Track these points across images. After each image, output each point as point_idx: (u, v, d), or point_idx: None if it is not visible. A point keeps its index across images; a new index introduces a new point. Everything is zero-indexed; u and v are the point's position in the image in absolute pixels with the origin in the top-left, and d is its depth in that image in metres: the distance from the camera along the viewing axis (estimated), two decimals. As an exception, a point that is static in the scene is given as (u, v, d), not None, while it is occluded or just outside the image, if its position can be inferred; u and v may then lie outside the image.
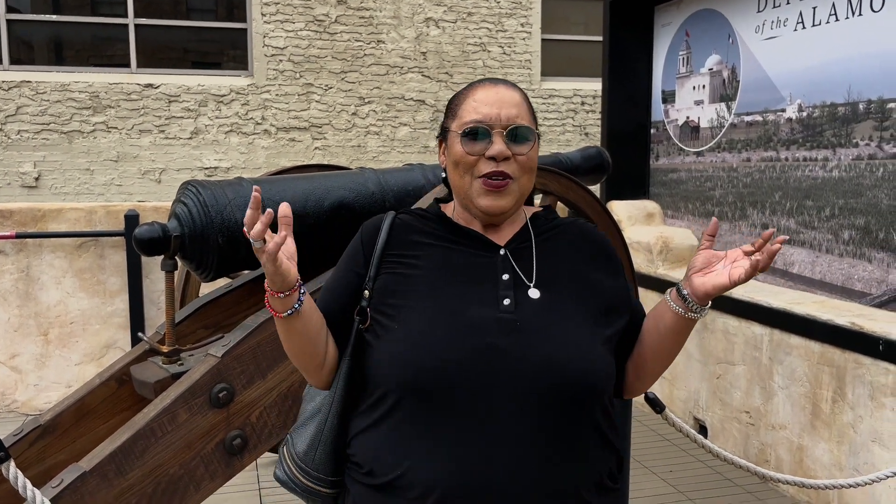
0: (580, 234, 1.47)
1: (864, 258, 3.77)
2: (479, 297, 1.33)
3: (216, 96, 7.80)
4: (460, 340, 1.28)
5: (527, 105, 1.41)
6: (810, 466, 3.58)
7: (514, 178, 1.36)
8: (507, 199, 1.37)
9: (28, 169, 7.45)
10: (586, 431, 1.32)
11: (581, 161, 3.42)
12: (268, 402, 2.37)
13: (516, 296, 1.34)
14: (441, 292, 1.34)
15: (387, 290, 1.37)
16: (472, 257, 1.39)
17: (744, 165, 4.68)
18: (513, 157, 1.35)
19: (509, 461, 1.25)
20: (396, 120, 8.26)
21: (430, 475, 1.25)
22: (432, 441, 1.26)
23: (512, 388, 1.26)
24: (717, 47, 4.90)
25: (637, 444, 4.23)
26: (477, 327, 1.29)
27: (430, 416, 1.27)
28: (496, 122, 1.35)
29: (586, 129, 8.72)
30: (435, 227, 1.44)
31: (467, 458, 1.25)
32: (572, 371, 1.29)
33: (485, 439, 1.25)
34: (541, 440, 1.26)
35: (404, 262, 1.40)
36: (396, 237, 1.43)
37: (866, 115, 3.77)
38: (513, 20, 8.45)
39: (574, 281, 1.39)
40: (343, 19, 8.03)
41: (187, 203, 2.48)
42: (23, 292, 4.76)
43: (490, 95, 1.37)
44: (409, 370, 1.28)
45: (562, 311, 1.34)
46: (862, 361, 3.28)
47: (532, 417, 1.26)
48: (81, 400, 2.49)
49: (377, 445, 1.33)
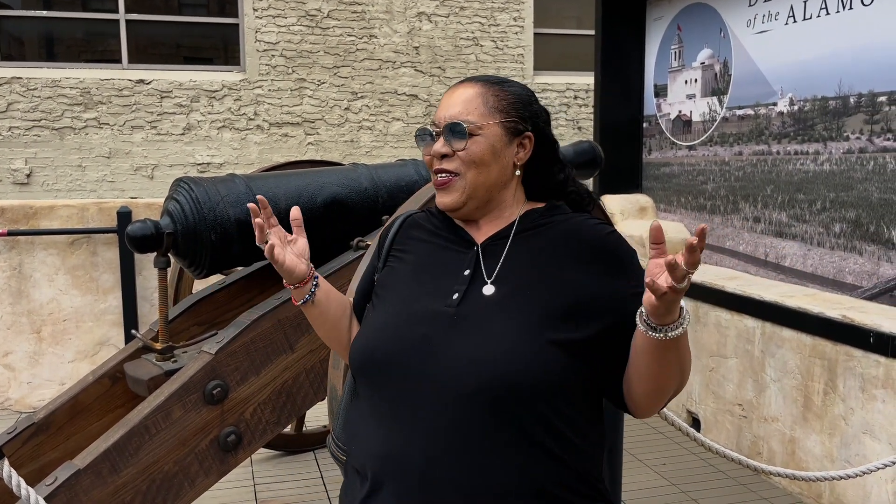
0: (571, 233, 1.39)
1: (855, 251, 3.79)
2: (435, 291, 1.37)
3: (208, 92, 7.78)
4: (398, 330, 1.35)
5: (481, 99, 1.39)
6: (802, 458, 3.60)
7: (458, 173, 1.39)
8: (454, 195, 1.40)
9: (19, 166, 7.41)
10: (512, 437, 1.24)
11: (574, 155, 3.42)
12: (262, 399, 2.38)
13: (468, 291, 1.34)
14: (409, 286, 1.42)
15: (380, 283, 1.48)
16: (450, 252, 1.43)
17: (736, 159, 4.69)
18: (454, 153, 1.38)
19: (425, 451, 1.26)
20: (389, 115, 8.25)
21: (364, 456, 1.34)
22: (372, 423, 1.35)
23: (437, 381, 1.27)
24: (708, 41, 4.90)
25: (630, 437, 4.25)
26: (419, 319, 1.34)
27: (372, 400, 1.36)
28: (440, 122, 1.40)
29: (579, 123, 8.72)
30: (436, 224, 1.50)
31: (392, 443, 1.30)
32: (495, 371, 1.24)
33: (406, 428, 1.29)
34: (457, 436, 1.25)
35: (399, 257, 1.48)
36: (402, 234, 1.52)
37: (857, 109, 3.79)
38: (505, 14, 8.44)
39: (538, 280, 1.33)
40: (335, 14, 8.01)
41: (180, 200, 2.48)
42: (15, 290, 4.75)
43: (446, 97, 1.43)
44: (358, 357, 1.40)
45: (509, 310, 1.30)
46: (853, 354, 3.31)
47: (452, 413, 1.25)
48: (75, 398, 2.49)
49: (347, 420, 1.53)
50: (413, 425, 1.28)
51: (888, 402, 3.14)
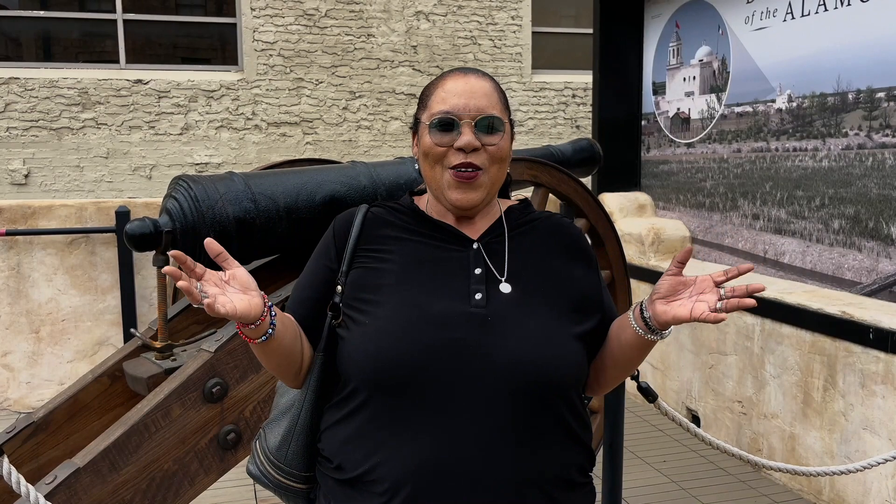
0: (554, 229, 1.46)
1: (854, 247, 3.79)
2: (450, 292, 1.32)
3: (206, 91, 7.77)
4: (428, 334, 1.27)
5: (498, 94, 1.39)
6: (802, 454, 3.60)
7: (483, 168, 1.35)
8: (478, 192, 1.35)
9: (17, 166, 7.40)
10: (553, 427, 1.31)
11: (572, 153, 3.42)
12: (261, 397, 2.37)
13: (488, 290, 1.33)
14: (411, 287, 1.33)
15: (358, 285, 1.37)
16: (445, 251, 1.38)
17: (734, 156, 4.69)
18: (482, 147, 1.34)
19: (477, 456, 1.24)
20: (387, 114, 8.24)
21: (399, 470, 1.25)
22: (400, 436, 1.26)
23: (480, 383, 1.26)
24: (707, 38, 4.90)
25: (630, 434, 4.25)
26: (446, 321, 1.28)
27: (396, 411, 1.27)
28: (465, 113, 1.33)
29: (577, 122, 8.72)
30: (407, 221, 1.42)
31: (435, 454, 1.24)
32: (539, 366, 1.28)
33: (450, 436, 1.24)
34: (507, 436, 1.26)
35: (376, 257, 1.39)
36: (368, 231, 1.42)
37: (855, 105, 3.79)
38: (503, 13, 8.44)
39: (546, 276, 1.38)
40: (333, 13, 8.00)
41: (178, 198, 2.48)
42: (14, 290, 4.74)
43: (459, 86, 1.36)
44: (374, 365, 1.27)
45: (532, 306, 1.33)
46: (852, 350, 3.31)
47: (499, 412, 1.26)
48: (74, 397, 2.48)
49: (346, 439, 1.32)
50: (461, 431, 1.24)
51: (888, 397, 3.14)
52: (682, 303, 1.26)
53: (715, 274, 1.28)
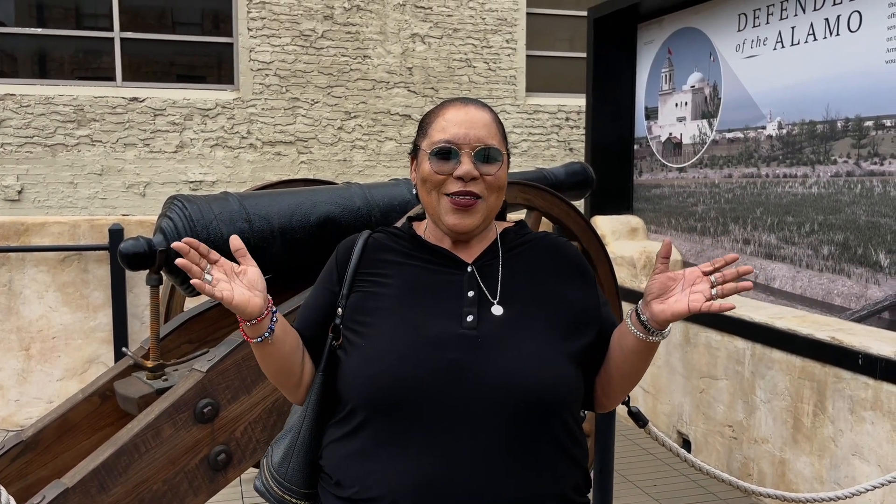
0: (550, 249, 1.49)
1: (843, 273, 3.83)
2: (443, 314, 1.36)
3: (202, 110, 7.80)
4: (422, 356, 1.31)
5: (497, 125, 1.43)
6: (792, 480, 3.61)
7: (482, 197, 1.39)
8: (475, 218, 1.39)
9: (11, 182, 7.40)
10: (547, 447, 1.32)
11: (565, 176, 3.45)
12: (252, 417, 2.37)
13: (480, 312, 1.36)
14: (407, 310, 1.37)
15: (357, 308, 1.41)
16: (440, 274, 1.41)
17: (725, 181, 4.74)
18: (481, 176, 1.38)
19: (474, 474, 1.26)
20: (382, 134, 8.29)
21: (397, 488, 1.27)
22: (396, 455, 1.29)
23: (473, 404, 1.28)
24: (698, 65, 4.97)
25: (621, 458, 4.24)
26: (439, 343, 1.32)
27: (393, 431, 1.30)
28: (464, 143, 1.37)
29: (571, 145, 8.79)
30: (406, 246, 1.47)
31: (430, 473, 1.26)
32: (530, 386, 1.29)
33: (447, 454, 1.27)
34: (502, 454, 1.28)
35: (375, 281, 1.43)
36: (369, 256, 1.47)
37: (844, 133, 3.84)
38: (498, 36, 8.52)
39: (540, 297, 1.40)
40: (329, 34, 8.07)
41: (173, 217, 2.49)
42: (4, 307, 4.72)
43: (460, 115, 1.40)
44: (371, 386, 1.31)
45: (524, 327, 1.36)
46: (842, 375, 3.32)
47: (493, 432, 1.28)
48: (64, 416, 2.47)
49: (345, 456, 1.35)
50: (457, 450, 1.27)
51: (877, 423, 3.15)
52: (677, 298, 1.30)
53: (702, 265, 1.32)
